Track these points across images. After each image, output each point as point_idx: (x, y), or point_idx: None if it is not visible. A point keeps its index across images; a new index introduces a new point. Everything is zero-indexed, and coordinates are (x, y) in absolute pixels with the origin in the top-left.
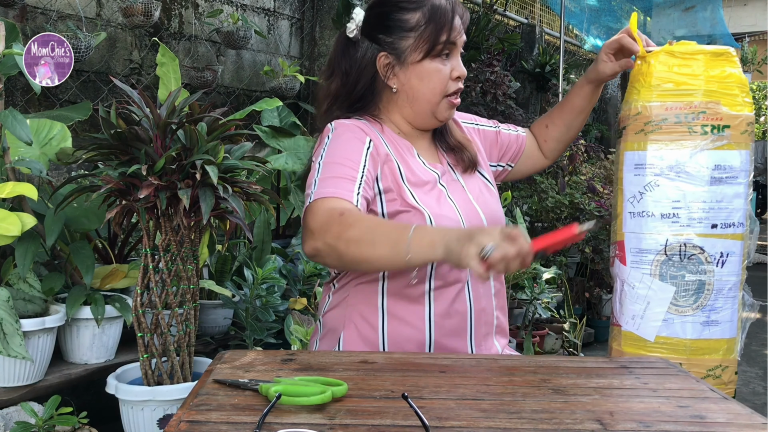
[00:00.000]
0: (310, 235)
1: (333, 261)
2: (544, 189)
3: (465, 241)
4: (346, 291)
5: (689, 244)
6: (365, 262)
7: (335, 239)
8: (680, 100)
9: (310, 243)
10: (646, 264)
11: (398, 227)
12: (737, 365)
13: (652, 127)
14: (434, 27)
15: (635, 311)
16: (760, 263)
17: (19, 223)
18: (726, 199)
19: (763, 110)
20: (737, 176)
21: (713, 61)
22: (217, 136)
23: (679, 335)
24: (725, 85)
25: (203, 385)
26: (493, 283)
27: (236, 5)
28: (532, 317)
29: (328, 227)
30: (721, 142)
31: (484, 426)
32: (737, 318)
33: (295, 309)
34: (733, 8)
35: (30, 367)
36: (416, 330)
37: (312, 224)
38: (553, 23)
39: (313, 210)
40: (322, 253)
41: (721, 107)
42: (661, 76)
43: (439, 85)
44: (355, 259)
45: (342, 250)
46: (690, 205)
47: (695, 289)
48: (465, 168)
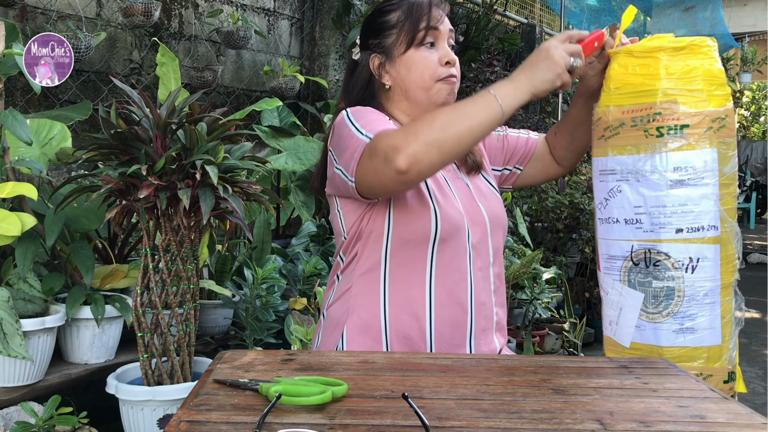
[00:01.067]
0: (396, 150)
1: (435, 155)
2: (544, 189)
3: (545, 67)
4: (349, 282)
5: (654, 250)
6: (467, 134)
7: (428, 132)
8: (638, 103)
9: (401, 156)
10: (615, 270)
11: (473, 99)
12: (730, 372)
13: (610, 133)
14: (412, 18)
15: (611, 317)
16: (760, 263)
17: (19, 223)
18: (691, 202)
19: (764, 110)
20: (702, 177)
21: (674, 56)
22: (217, 136)
23: (652, 342)
24: (686, 81)
25: (203, 385)
26: (492, 279)
27: (236, 5)
28: (532, 317)
29: (412, 131)
30: (679, 143)
31: (484, 426)
32: (720, 325)
33: (295, 309)
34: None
35: (30, 367)
36: (417, 319)
37: (392, 142)
38: (553, 23)
39: (381, 137)
40: (419, 154)
41: (678, 106)
42: (619, 79)
43: (427, 70)
44: (458, 136)
45: (441, 137)
46: (651, 210)
47: (664, 295)
48: (469, 169)
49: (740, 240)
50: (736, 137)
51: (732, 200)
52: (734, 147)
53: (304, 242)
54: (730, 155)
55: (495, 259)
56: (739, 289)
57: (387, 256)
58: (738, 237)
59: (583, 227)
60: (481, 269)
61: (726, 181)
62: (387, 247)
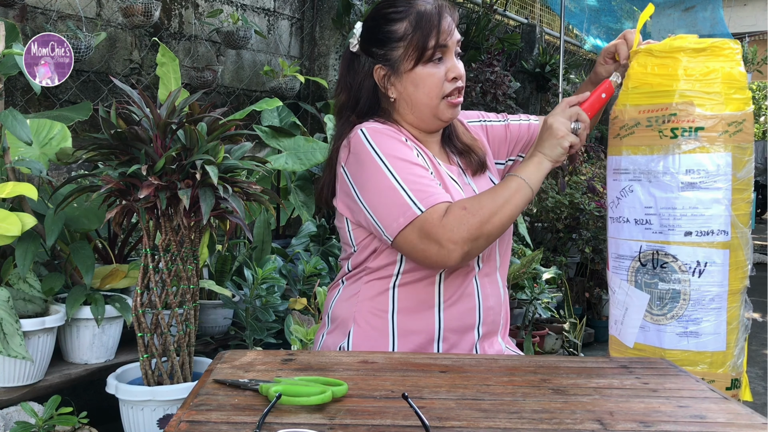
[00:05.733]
0: (452, 244)
1: (483, 245)
2: (544, 189)
3: (554, 139)
4: (357, 287)
5: (662, 251)
6: (509, 220)
7: (478, 227)
8: (655, 103)
9: (456, 253)
10: (623, 270)
11: (506, 186)
12: (733, 380)
13: (626, 132)
14: (421, 34)
15: (617, 316)
16: (760, 263)
17: (19, 223)
18: (702, 206)
19: (763, 110)
20: (715, 181)
21: (694, 57)
22: (217, 136)
23: (655, 344)
24: (705, 83)
25: (203, 385)
26: (500, 283)
27: (236, 5)
28: (532, 317)
29: (465, 226)
30: (692, 145)
31: (484, 426)
32: (725, 331)
33: (295, 309)
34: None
35: (30, 367)
36: (426, 325)
37: (448, 235)
38: (553, 23)
39: (435, 224)
40: (473, 250)
41: (694, 108)
42: (638, 78)
43: (434, 89)
44: (502, 224)
45: (489, 229)
46: (662, 212)
47: (669, 298)
48: (474, 171)
49: (751, 247)
50: (753, 142)
51: (746, 206)
52: (751, 152)
53: (304, 242)
54: (746, 160)
55: (502, 264)
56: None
57: (398, 264)
58: (749, 243)
59: (583, 227)
60: (488, 275)
61: (740, 186)
62: (400, 256)
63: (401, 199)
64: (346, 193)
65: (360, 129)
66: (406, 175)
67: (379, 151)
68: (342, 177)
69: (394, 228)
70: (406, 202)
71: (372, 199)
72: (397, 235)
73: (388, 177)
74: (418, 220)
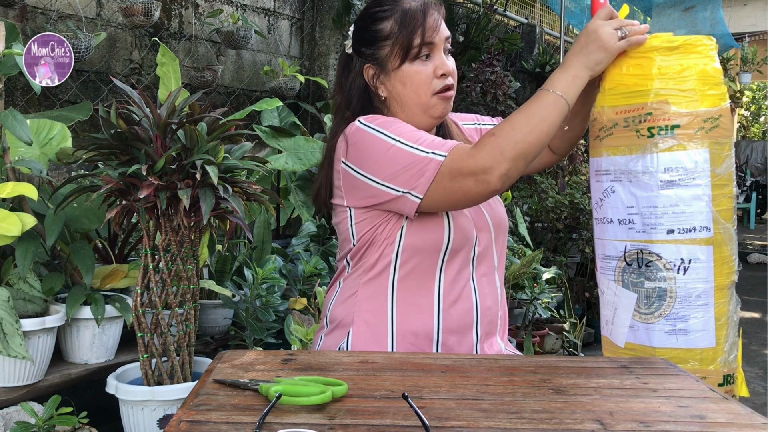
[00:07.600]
0: (488, 172)
1: (521, 166)
2: (544, 189)
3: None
4: (355, 287)
5: (646, 250)
6: (546, 137)
7: (512, 147)
8: (631, 103)
9: (494, 177)
10: (610, 270)
11: (539, 101)
12: (725, 375)
13: (604, 133)
14: (406, 31)
15: (607, 317)
16: (760, 263)
17: (19, 223)
18: (683, 203)
19: (764, 110)
20: (694, 178)
21: (668, 56)
22: (217, 136)
23: (645, 343)
24: (679, 80)
25: (203, 385)
26: (498, 284)
27: (236, 5)
28: (532, 317)
29: (497, 149)
30: (669, 143)
31: (484, 426)
32: (714, 327)
33: (295, 309)
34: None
35: (30, 367)
36: (424, 325)
37: (480, 164)
38: (553, 23)
39: (462, 158)
40: (511, 171)
41: (669, 107)
42: (614, 79)
43: (422, 86)
44: (539, 143)
45: (525, 148)
46: (643, 211)
47: (656, 296)
48: None
49: (736, 242)
50: (732, 137)
51: (727, 201)
52: (729, 147)
53: (304, 242)
54: (725, 155)
55: (499, 264)
56: (736, 290)
57: (397, 262)
58: (734, 239)
59: (583, 227)
60: (486, 275)
61: (720, 182)
62: (398, 254)
63: (418, 156)
64: (353, 186)
65: (356, 121)
66: (415, 138)
67: (381, 129)
68: (345, 172)
69: (423, 184)
70: (426, 157)
71: (388, 171)
72: (428, 189)
73: (398, 145)
74: (444, 165)
